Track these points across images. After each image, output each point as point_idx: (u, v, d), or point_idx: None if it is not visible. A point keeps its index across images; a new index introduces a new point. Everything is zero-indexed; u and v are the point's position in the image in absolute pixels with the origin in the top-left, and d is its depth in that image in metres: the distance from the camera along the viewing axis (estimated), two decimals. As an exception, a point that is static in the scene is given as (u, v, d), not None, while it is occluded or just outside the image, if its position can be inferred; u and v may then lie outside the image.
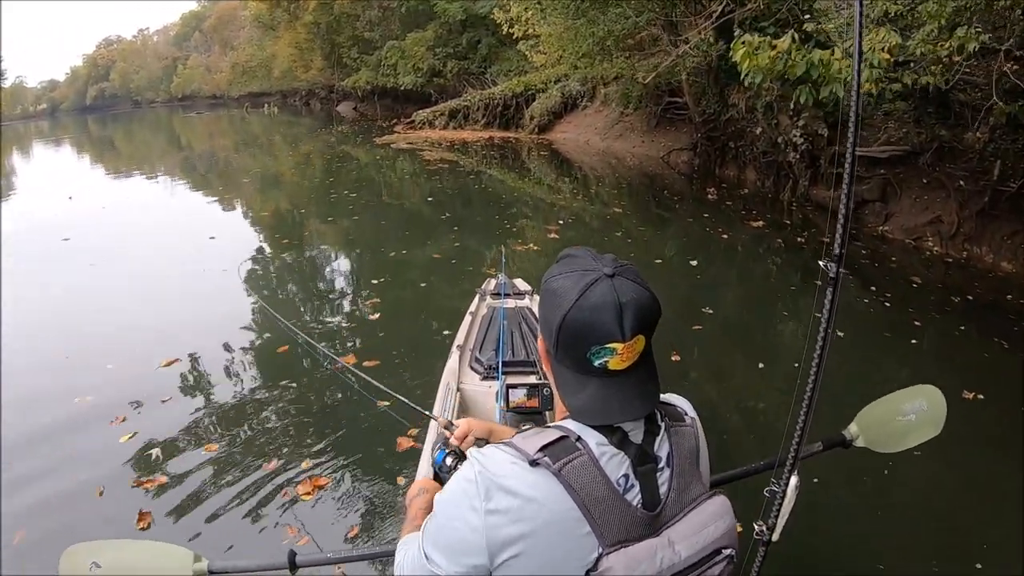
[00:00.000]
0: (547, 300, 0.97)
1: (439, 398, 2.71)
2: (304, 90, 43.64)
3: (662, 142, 14.15)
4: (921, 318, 5.11)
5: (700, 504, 0.98)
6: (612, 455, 0.93)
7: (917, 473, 3.13)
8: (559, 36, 12.17)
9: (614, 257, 0.97)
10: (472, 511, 0.91)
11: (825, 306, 1.05)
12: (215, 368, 4.63)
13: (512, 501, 0.89)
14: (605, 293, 0.91)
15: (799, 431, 1.12)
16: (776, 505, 1.17)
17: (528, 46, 14.98)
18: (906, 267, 6.61)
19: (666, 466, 0.98)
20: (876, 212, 8.00)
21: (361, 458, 3.41)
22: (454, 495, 0.95)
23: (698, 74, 11.56)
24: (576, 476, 0.89)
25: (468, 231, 8.52)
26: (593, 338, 0.91)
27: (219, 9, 68.73)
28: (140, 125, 47.23)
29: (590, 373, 0.95)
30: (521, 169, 14.57)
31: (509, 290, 3.71)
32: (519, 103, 20.29)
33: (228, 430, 3.82)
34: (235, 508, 3.07)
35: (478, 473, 0.92)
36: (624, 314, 0.90)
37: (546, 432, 0.95)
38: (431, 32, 24.82)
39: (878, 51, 5.24)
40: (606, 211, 9.88)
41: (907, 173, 7.87)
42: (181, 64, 79.95)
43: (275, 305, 5.96)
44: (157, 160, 22.51)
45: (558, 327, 0.93)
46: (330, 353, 4.06)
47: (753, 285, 6.60)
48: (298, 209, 11.30)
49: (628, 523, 0.91)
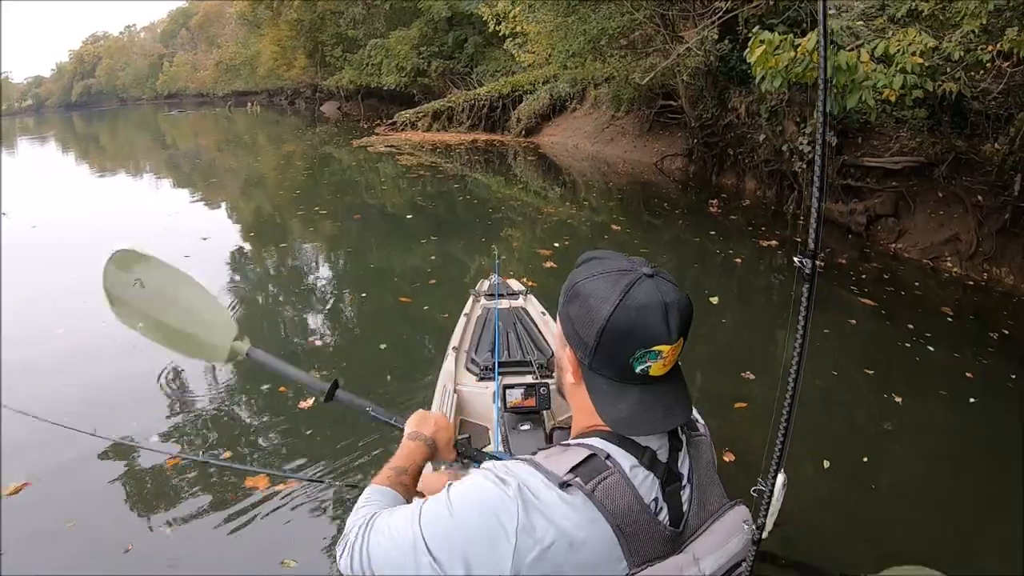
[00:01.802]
0: (579, 305, 0.91)
1: (436, 399, 2.70)
2: (289, 89, 43.04)
3: (655, 147, 13.48)
4: (969, 365, 4.43)
5: (721, 517, 0.96)
6: (644, 477, 0.91)
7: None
8: (548, 34, 11.49)
9: (644, 259, 0.94)
10: (507, 523, 0.84)
11: (802, 303, 1.01)
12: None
13: (547, 526, 0.84)
14: (650, 293, 0.88)
15: (783, 427, 1.09)
16: (764, 504, 1.13)
17: (515, 44, 14.20)
18: (933, 295, 5.96)
19: (687, 482, 0.96)
20: (889, 228, 7.37)
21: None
22: (485, 495, 0.87)
23: (695, 76, 10.87)
24: (610, 497, 0.86)
25: (450, 239, 7.84)
26: (639, 340, 0.87)
27: (205, 6, 68.19)
28: (125, 123, 47.05)
29: (631, 381, 0.91)
30: (507, 174, 13.83)
31: (503, 290, 3.69)
32: (506, 105, 19.66)
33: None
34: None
35: (518, 487, 0.86)
36: (670, 314, 0.87)
37: (572, 451, 0.92)
38: (416, 30, 24.04)
39: (909, 54, 4.55)
40: (595, 217, 9.18)
41: (921, 186, 7.30)
42: (167, 61, 79.40)
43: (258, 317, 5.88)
44: (141, 159, 22.38)
45: (600, 330, 0.88)
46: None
47: (753, 305, 5.99)
48: (274, 218, 10.45)
49: (656, 542, 0.89)
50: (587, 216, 9.38)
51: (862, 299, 5.59)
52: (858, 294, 5.72)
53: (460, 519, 0.87)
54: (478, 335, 3.16)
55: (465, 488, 0.90)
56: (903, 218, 7.33)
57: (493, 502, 0.86)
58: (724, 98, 10.61)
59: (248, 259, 7.68)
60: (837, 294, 5.84)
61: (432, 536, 0.87)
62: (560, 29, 10.91)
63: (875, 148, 7.88)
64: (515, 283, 3.93)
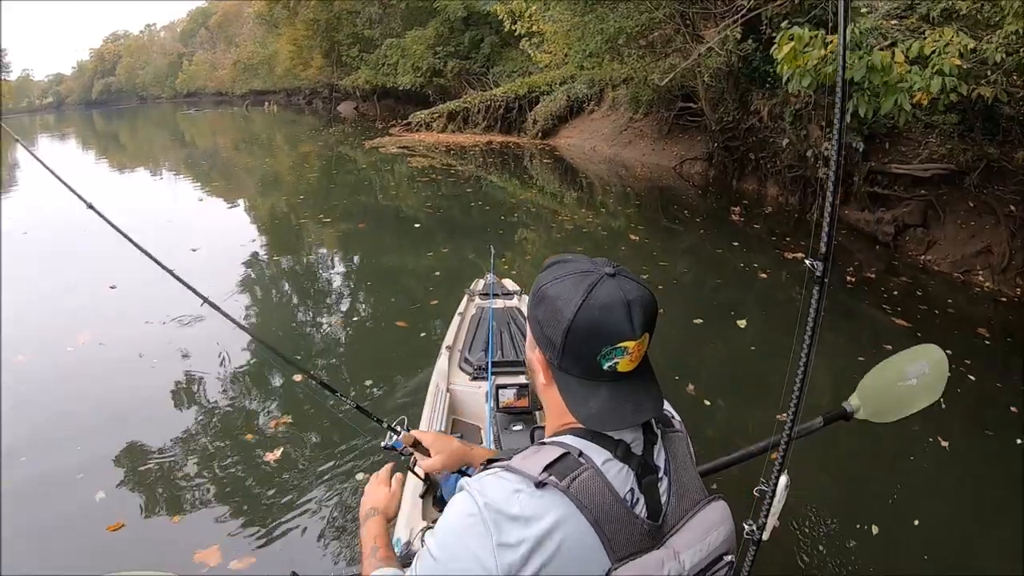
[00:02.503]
0: (545, 308, 0.94)
1: (429, 399, 2.70)
2: (307, 89, 43.09)
3: (674, 151, 13.23)
4: (1012, 396, 4.06)
5: (700, 511, 0.97)
6: (619, 469, 0.92)
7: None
8: (565, 33, 11.28)
9: (607, 260, 0.96)
10: (480, 548, 0.86)
11: (812, 305, 1.05)
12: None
13: (523, 532, 0.85)
14: (612, 291, 0.90)
15: (787, 430, 1.08)
16: (766, 504, 1.13)
17: (531, 44, 13.99)
18: (966, 313, 5.64)
19: (664, 475, 0.97)
20: (918, 239, 7.09)
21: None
22: (457, 532, 0.89)
23: (716, 77, 10.62)
24: (585, 491, 0.87)
25: (464, 242, 7.69)
26: (605, 338, 0.89)
27: (224, 6, 68.58)
28: (144, 121, 47.81)
29: (600, 378, 0.92)
30: (523, 177, 13.63)
31: (498, 290, 3.70)
32: (522, 106, 19.45)
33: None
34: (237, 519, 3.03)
35: (484, 506, 0.87)
36: (633, 311, 0.89)
37: (545, 450, 0.93)
38: (432, 30, 23.90)
39: (947, 56, 4.30)
40: (612, 222, 8.93)
41: (951, 195, 7.02)
42: (187, 60, 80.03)
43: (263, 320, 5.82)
44: (160, 156, 22.87)
45: (565, 331, 0.90)
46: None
47: (782, 328, 5.58)
48: (288, 220, 10.37)
49: (635, 536, 0.89)
50: (604, 222, 9.21)
51: (895, 319, 5.29)
52: (890, 313, 5.42)
53: (443, 563, 0.89)
54: (472, 334, 3.19)
55: (439, 531, 0.93)
56: (932, 228, 7.05)
57: (461, 532, 0.88)
58: (746, 100, 10.37)
59: (261, 261, 7.61)
60: (870, 313, 5.56)
61: None
62: (577, 28, 10.70)
63: (903, 154, 7.62)
64: (510, 283, 3.95)
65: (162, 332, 5.18)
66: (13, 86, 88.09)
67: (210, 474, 3.40)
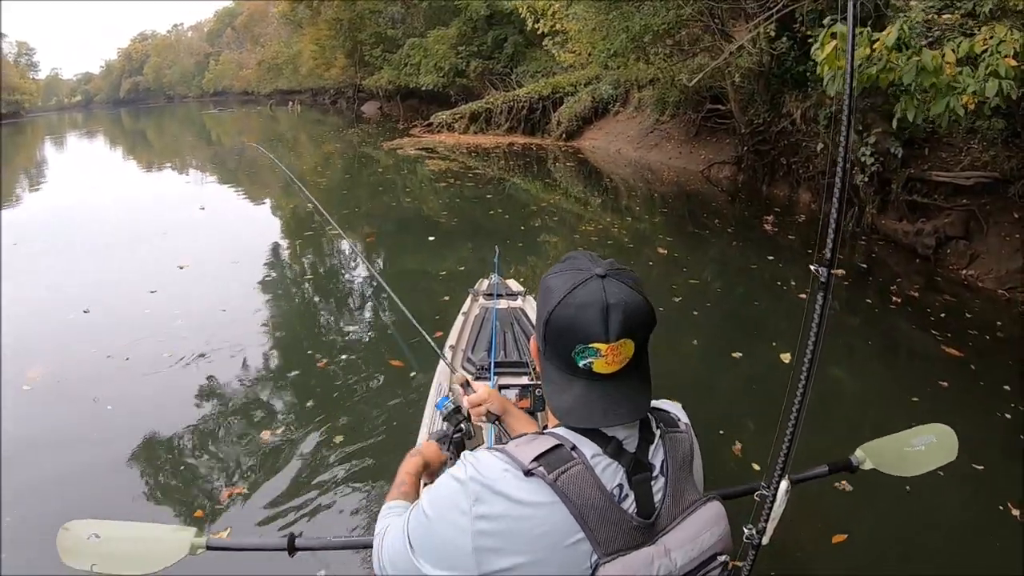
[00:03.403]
0: (541, 296, 0.99)
1: (431, 398, 2.73)
2: (332, 89, 43.17)
3: (702, 154, 12.90)
4: None
5: (695, 511, 0.98)
6: (607, 464, 0.93)
7: None
8: (589, 32, 11.01)
9: (613, 261, 0.98)
10: (461, 514, 0.91)
11: (816, 310, 1.05)
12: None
13: (503, 508, 0.89)
14: (592, 292, 0.92)
15: (789, 435, 1.08)
16: (766, 509, 1.12)
17: (554, 43, 13.72)
18: (1017, 338, 5.14)
19: (660, 474, 0.97)
20: (959, 252, 6.74)
21: (377, 441, 3.53)
22: (443, 494, 0.95)
23: (746, 78, 10.31)
24: (571, 486, 0.89)
25: (483, 245, 7.40)
26: (577, 336, 0.92)
27: (250, 6, 69.13)
28: (171, 119, 48.57)
29: (576, 374, 0.95)
30: (546, 180, 13.38)
31: (502, 291, 3.68)
32: (546, 107, 19.18)
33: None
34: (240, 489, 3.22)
35: (470, 477, 0.92)
36: (610, 315, 0.90)
37: (540, 440, 0.95)
38: (454, 29, 23.65)
39: (999, 55, 4.00)
40: (637, 225, 8.65)
41: (995, 205, 6.67)
42: (213, 60, 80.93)
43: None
44: (187, 155, 23.41)
45: (544, 322, 0.95)
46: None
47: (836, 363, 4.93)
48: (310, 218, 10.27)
49: (624, 532, 0.90)
50: (631, 229, 8.92)
51: (945, 347, 4.81)
52: (940, 340, 4.95)
53: (432, 520, 0.95)
54: (475, 334, 3.19)
55: (433, 490, 0.98)
56: (975, 241, 6.69)
57: (447, 496, 0.94)
58: (777, 102, 10.04)
59: (282, 260, 7.63)
60: (918, 339, 5.16)
61: (415, 539, 0.97)
62: (601, 27, 10.44)
63: (943, 161, 7.29)
64: (514, 283, 3.93)
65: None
66: (42, 85, 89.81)
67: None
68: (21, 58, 77.85)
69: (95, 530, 1.38)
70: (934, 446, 1.64)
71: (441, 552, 0.92)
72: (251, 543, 1.68)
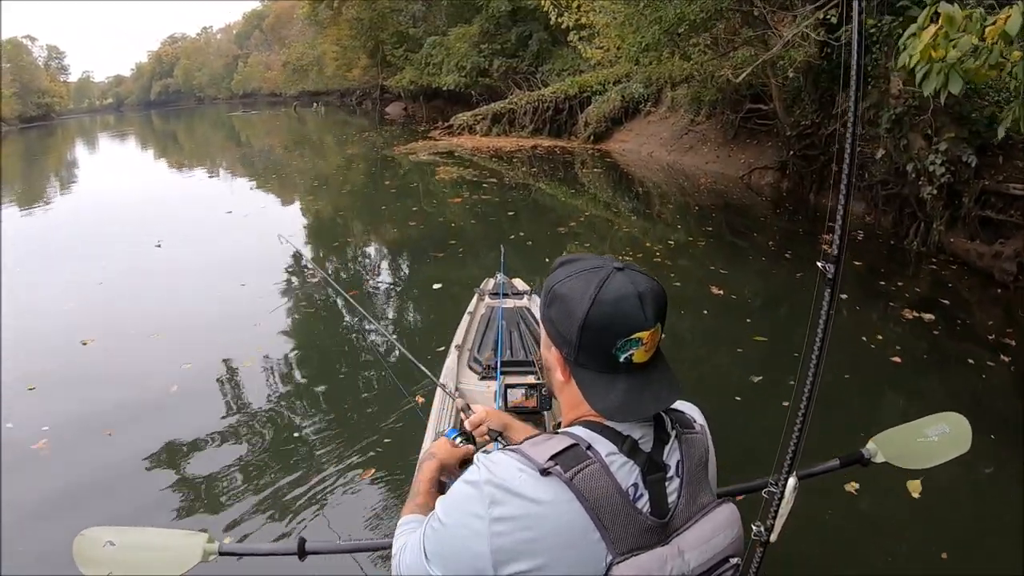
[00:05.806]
0: (558, 307, 0.96)
1: (437, 397, 2.66)
2: (358, 90, 42.85)
3: (741, 158, 11.89)
4: None
5: (709, 512, 0.97)
6: (623, 463, 0.93)
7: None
8: (618, 25, 10.07)
9: (612, 256, 0.98)
10: (476, 518, 0.90)
11: (824, 307, 1.04)
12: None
13: (519, 509, 0.88)
14: (623, 284, 0.92)
15: (797, 430, 1.08)
16: (774, 506, 1.13)
17: (580, 38, 12.75)
18: None
19: (675, 475, 0.97)
20: (1021, 271, 5.75)
21: (382, 451, 3.52)
22: (458, 500, 0.95)
23: (795, 73, 9.33)
24: (587, 485, 0.89)
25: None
26: (619, 330, 0.91)
27: (278, 8, 69.40)
28: (200, 121, 49.67)
29: (616, 370, 0.94)
30: (574, 186, 12.46)
31: (508, 290, 3.69)
32: (572, 107, 18.24)
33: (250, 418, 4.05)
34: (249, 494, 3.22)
35: (485, 480, 0.91)
36: (645, 302, 0.91)
37: (555, 439, 0.95)
38: (477, 27, 22.86)
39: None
40: (670, 235, 7.60)
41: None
42: (242, 62, 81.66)
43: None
44: (217, 156, 24.36)
45: (580, 327, 0.92)
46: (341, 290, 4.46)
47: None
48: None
49: (638, 532, 0.90)
50: (667, 251, 7.88)
51: None
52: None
53: (448, 527, 0.94)
54: (481, 334, 3.16)
55: (447, 497, 0.98)
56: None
57: (462, 500, 0.94)
58: (826, 101, 9.06)
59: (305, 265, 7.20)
60: (1010, 409, 3.95)
61: (431, 548, 0.97)
62: (631, 19, 9.49)
63: (1021, 171, 6.30)
64: (520, 283, 3.92)
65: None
66: (72, 88, 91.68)
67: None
68: (52, 61, 79.51)
69: (110, 537, 1.42)
70: (948, 436, 1.61)
71: (458, 558, 0.91)
72: (262, 548, 1.73)
